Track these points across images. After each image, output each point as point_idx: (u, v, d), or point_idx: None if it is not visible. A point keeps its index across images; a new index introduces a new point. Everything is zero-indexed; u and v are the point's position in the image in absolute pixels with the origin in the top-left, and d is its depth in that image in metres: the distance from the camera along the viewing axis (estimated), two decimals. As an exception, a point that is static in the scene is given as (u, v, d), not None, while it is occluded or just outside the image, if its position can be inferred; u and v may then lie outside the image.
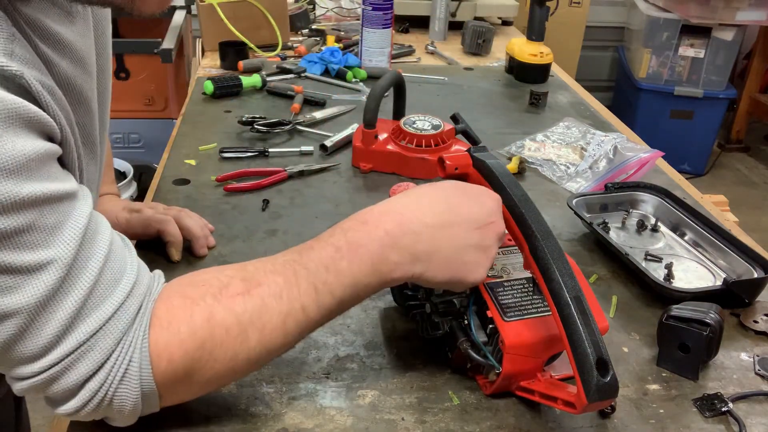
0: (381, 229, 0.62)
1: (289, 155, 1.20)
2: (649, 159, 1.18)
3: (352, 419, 0.68)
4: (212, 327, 0.58)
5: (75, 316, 0.53)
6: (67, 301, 0.52)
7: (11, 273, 0.50)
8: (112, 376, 0.55)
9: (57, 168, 0.54)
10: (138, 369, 0.56)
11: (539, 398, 0.67)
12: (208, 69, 1.63)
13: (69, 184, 0.54)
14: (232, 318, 0.58)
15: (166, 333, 0.57)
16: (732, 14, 3.13)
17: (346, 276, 0.61)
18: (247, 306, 0.59)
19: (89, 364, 0.54)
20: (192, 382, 0.60)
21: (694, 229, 0.98)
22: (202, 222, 0.94)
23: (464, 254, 0.63)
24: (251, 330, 0.59)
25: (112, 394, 0.56)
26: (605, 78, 3.89)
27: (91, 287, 0.54)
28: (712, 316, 0.74)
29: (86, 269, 0.54)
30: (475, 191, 0.67)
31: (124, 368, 0.56)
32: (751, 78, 3.55)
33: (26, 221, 0.50)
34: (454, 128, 1.17)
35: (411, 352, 0.77)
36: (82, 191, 0.57)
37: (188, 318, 0.58)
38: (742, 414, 0.71)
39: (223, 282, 0.60)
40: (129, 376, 0.56)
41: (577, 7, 3.27)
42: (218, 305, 0.58)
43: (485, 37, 1.83)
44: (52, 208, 0.52)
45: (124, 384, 0.56)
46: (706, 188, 2.64)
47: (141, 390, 0.57)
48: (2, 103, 0.48)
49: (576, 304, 0.60)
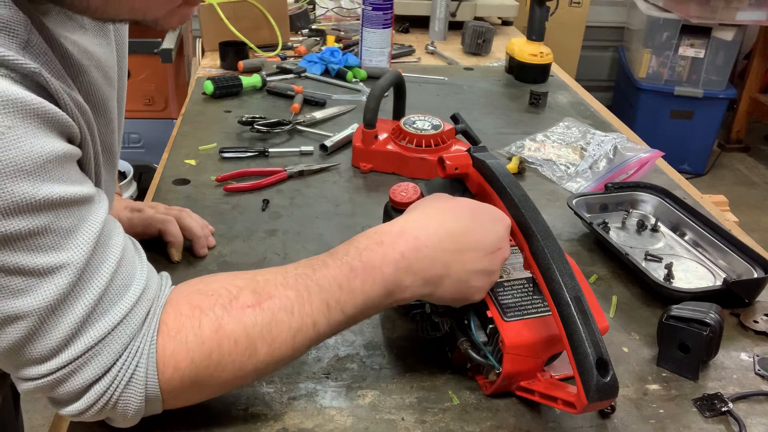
0: (397, 252, 0.62)
1: (289, 155, 1.20)
2: (649, 159, 1.18)
3: (352, 419, 0.68)
4: (220, 338, 0.58)
5: (84, 320, 0.53)
6: (77, 305, 0.52)
7: (23, 275, 0.50)
8: (118, 380, 0.55)
9: (75, 171, 0.54)
10: (144, 375, 0.56)
11: (539, 398, 0.67)
12: (208, 69, 1.63)
13: (86, 188, 0.54)
14: (240, 330, 0.58)
15: (174, 341, 0.57)
16: (732, 14, 3.12)
17: (359, 295, 0.61)
18: (257, 319, 0.59)
19: (96, 368, 0.54)
20: (197, 390, 0.60)
21: (694, 229, 0.98)
22: (202, 222, 0.94)
23: (472, 279, 0.65)
24: (260, 343, 0.59)
25: (117, 398, 0.56)
26: (605, 78, 3.89)
27: (102, 292, 0.54)
28: (712, 316, 0.74)
29: (98, 274, 0.54)
30: (490, 215, 0.67)
31: (130, 373, 0.56)
32: (751, 78, 3.55)
33: (41, 224, 0.49)
34: (454, 128, 1.17)
35: (411, 352, 0.77)
36: (98, 195, 0.56)
37: (196, 327, 0.57)
38: (742, 414, 0.71)
39: (232, 293, 0.60)
40: (135, 381, 0.56)
41: (577, 7, 3.27)
42: (227, 316, 0.58)
43: (485, 37, 1.83)
44: (67, 211, 0.51)
45: (129, 389, 0.56)
46: (706, 188, 2.64)
47: (146, 395, 0.57)
48: (21, 101, 0.47)
49: (576, 304, 0.60)
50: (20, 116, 0.46)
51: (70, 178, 0.52)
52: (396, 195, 0.75)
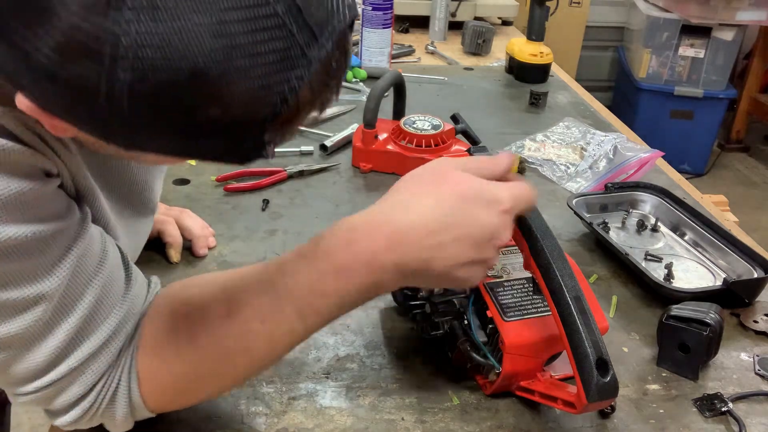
0: (369, 252, 0.56)
1: (289, 155, 1.20)
2: (649, 159, 1.18)
3: (352, 419, 0.68)
4: (196, 349, 0.57)
5: (68, 344, 0.53)
6: (59, 331, 0.53)
7: None
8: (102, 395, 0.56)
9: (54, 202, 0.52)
10: (126, 390, 0.57)
11: (539, 398, 0.67)
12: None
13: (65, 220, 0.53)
14: (215, 342, 0.57)
15: (152, 356, 0.57)
16: (732, 14, 3.12)
17: (333, 298, 0.57)
18: (230, 330, 0.57)
19: (81, 387, 0.55)
20: (181, 399, 0.60)
21: (694, 229, 0.98)
22: (202, 223, 0.94)
23: (458, 271, 0.58)
24: (236, 353, 0.58)
25: (102, 411, 0.57)
26: (605, 78, 3.89)
27: (86, 317, 0.54)
28: (712, 316, 0.74)
29: (80, 300, 0.53)
30: (483, 200, 0.58)
31: (113, 389, 0.56)
32: (751, 78, 3.55)
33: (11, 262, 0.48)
34: (454, 128, 1.17)
35: (411, 352, 0.77)
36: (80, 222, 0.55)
37: (174, 340, 0.57)
38: (742, 414, 0.71)
39: (206, 301, 0.58)
40: (118, 395, 0.57)
41: (577, 7, 3.27)
42: (201, 328, 0.57)
43: (485, 37, 1.83)
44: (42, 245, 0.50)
45: (114, 403, 0.57)
46: (706, 188, 2.63)
47: (130, 407, 0.57)
48: None
49: (576, 304, 0.60)
50: None
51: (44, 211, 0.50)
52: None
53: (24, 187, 0.48)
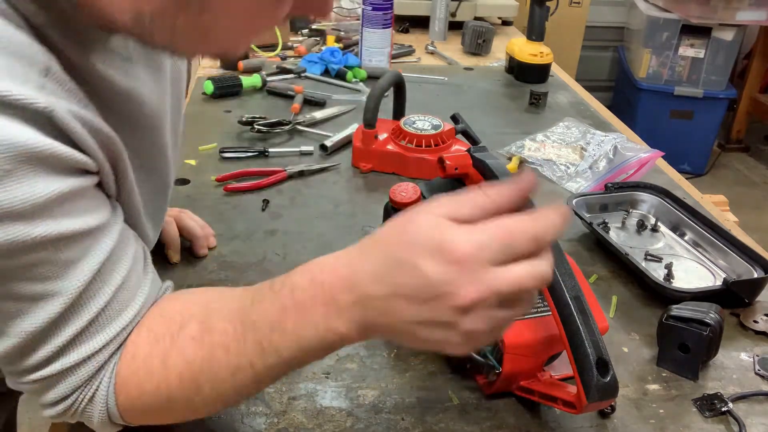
0: (328, 290, 0.52)
1: (289, 155, 1.20)
2: (649, 159, 1.18)
3: (352, 419, 0.68)
4: (166, 370, 0.56)
5: (69, 342, 0.53)
6: (65, 330, 0.53)
7: (16, 300, 0.50)
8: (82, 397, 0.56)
9: (86, 201, 0.52)
10: (105, 396, 0.56)
11: (539, 398, 0.67)
12: (208, 69, 1.63)
13: (95, 218, 0.53)
14: (183, 364, 0.56)
15: (127, 369, 0.57)
16: (732, 14, 3.12)
17: (291, 338, 0.53)
18: (197, 354, 0.56)
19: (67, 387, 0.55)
20: (153, 416, 0.59)
21: (694, 229, 0.98)
22: (202, 223, 0.94)
23: (421, 332, 0.49)
24: (202, 379, 0.56)
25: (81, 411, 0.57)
26: (605, 78, 3.89)
27: (93, 319, 0.54)
28: (712, 316, 0.74)
29: (92, 302, 0.53)
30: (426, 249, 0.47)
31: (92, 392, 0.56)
32: (751, 78, 3.55)
33: (38, 258, 0.49)
34: (454, 128, 1.17)
35: (411, 352, 0.77)
36: (112, 220, 0.55)
37: (147, 357, 0.57)
38: (742, 414, 0.71)
39: (184, 319, 0.58)
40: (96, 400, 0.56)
41: (577, 7, 3.27)
42: (173, 348, 0.56)
43: (485, 37, 1.83)
44: (68, 245, 0.50)
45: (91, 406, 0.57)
46: (706, 188, 2.63)
47: (107, 413, 0.57)
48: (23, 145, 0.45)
49: (576, 304, 0.60)
50: (20, 160, 0.45)
51: (76, 211, 0.51)
52: (396, 195, 0.75)
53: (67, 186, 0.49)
